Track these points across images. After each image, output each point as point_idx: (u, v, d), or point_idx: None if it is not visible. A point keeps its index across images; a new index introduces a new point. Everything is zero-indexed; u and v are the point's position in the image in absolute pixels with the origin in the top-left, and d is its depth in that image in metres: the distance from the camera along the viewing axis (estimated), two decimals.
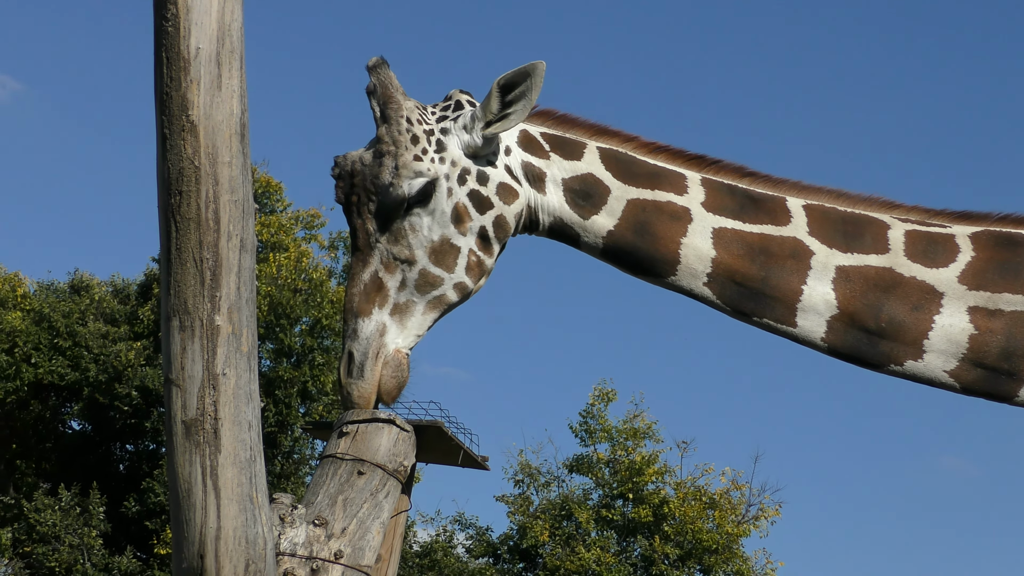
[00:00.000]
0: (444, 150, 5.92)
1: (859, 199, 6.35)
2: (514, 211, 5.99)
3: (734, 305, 6.18)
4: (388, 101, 5.97)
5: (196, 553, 3.96)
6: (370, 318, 5.81)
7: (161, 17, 3.83)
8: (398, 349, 5.81)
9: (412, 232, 5.88)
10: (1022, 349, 6.26)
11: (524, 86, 5.87)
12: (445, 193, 5.88)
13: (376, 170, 5.87)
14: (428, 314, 5.93)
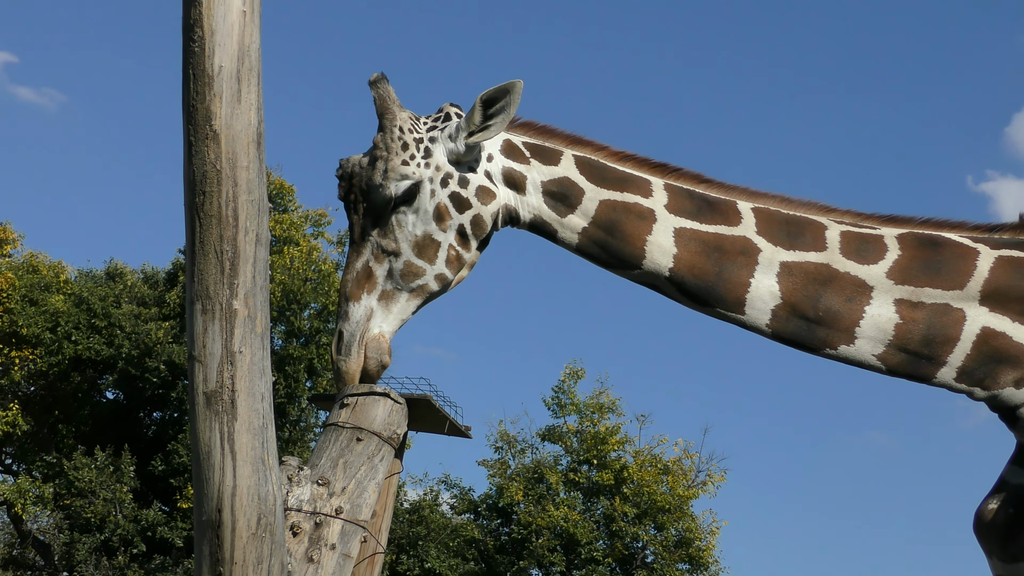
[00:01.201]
0: (430, 156, 5.97)
1: (800, 203, 6.41)
2: (490, 211, 6.02)
3: (691, 296, 6.21)
4: (384, 112, 6.04)
5: (215, 508, 3.96)
6: (360, 303, 5.87)
7: (189, 39, 3.83)
8: (381, 334, 5.85)
9: (399, 227, 5.94)
10: (940, 337, 6.32)
11: (504, 101, 5.93)
12: (429, 194, 5.93)
13: (370, 172, 5.95)
14: (411, 301, 5.96)
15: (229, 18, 3.83)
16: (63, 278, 30.79)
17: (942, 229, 6.54)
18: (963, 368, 6.44)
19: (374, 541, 5.10)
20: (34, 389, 30.60)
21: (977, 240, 6.56)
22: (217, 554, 3.99)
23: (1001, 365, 6.47)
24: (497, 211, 6.05)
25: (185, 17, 3.85)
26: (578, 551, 31.74)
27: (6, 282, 29.47)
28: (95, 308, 29.91)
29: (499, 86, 5.91)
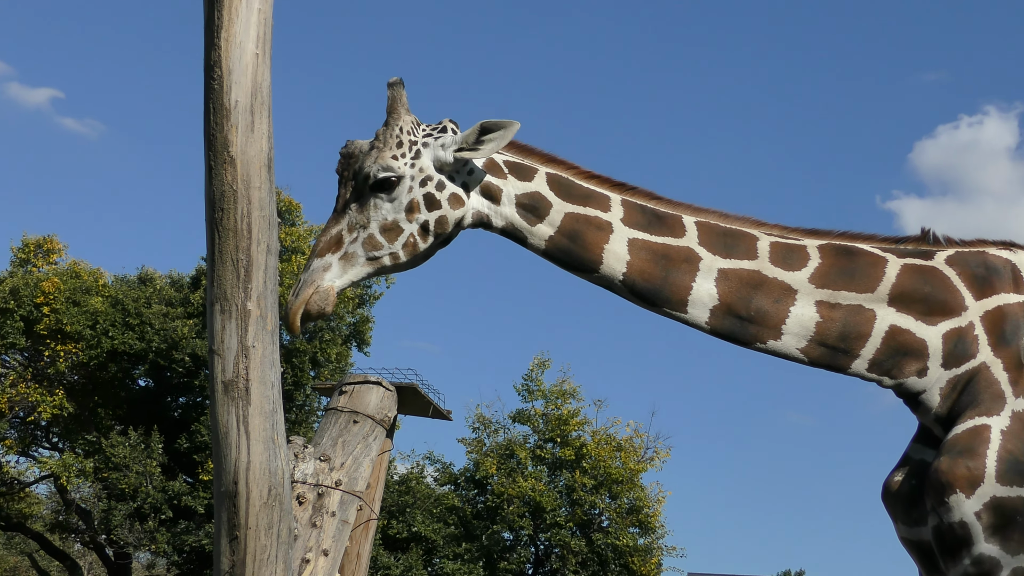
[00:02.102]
0: (418, 158, 6.02)
1: (736, 218, 6.45)
2: (456, 215, 6.07)
3: (641, 297, 6.26)
4: (392, 111, 6.10)
5: (232, 480, 3.96)
6: (323, 259, 5.86)
7: (209, 77, 3.83)
8: (331, 286, 5.79)
9: (374, 209, 5.97)
10: (854, 333, 6.38)
11: (499, 134, 6.03)
12: (407, 189, 5.98)
13: (364, 158, 6.00)
14: (364, 268, 5.94)
15: (244, 59, 3.83)
16: (101, 282, 30.70)
17: (856, 240, 6.61)
18: (874, 360, 6.49)
19: (368, 509, 5.10)
20: (77, 378, 30.49)
21: (885, 250, 6.62)
22: (234, 520, 3.99)
23: (906, 357, 6.52)
24: (462, 216, 6.08)
25: (207, 58, 3.85)
26: (544, 517, 31.72)
27: (52, 286, 29.42)
28: (129, 308, 29.86)
29: (500, 120, 6.04)
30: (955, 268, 6.67)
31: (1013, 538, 6.27)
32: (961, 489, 6.27)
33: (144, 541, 30.50)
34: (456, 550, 31.64)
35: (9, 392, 29.33)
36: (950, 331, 6.53)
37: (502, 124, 6.05)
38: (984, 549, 6.27)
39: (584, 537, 32.10)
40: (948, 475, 6.29)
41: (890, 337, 6.47)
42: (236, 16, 3.83)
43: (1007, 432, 6.36)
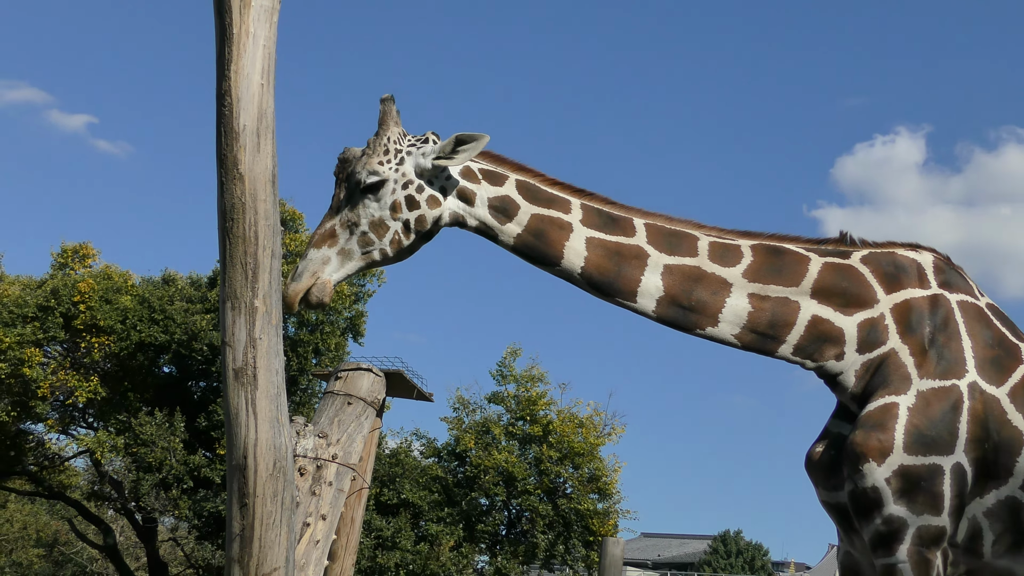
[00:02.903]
0: (402, 165, 6.10)
1: (680, 221, 6.52)
2: (433, 215, 6.14)
3: (597, 288, 6.34)
4: (382, 123, 6.17)
5: (242, 455, 3.96)
6: (320, 250, 5.93)
7: (221, 104, 3.84)
8: (329, 279, 5.88)
9: (363, 208, 6.05)
10: (781, 321, 6.43)
11: (471, 145, 6.08)
12: (391, 191, 6.07)
13: (356, 163, 6.07)
14: (358, 262, 6.02)
15: (251, 89, 3.84)
16: (130, 283, 30.64)
17: (783, 241, 6.66)
18: (798, 345, 6.53)
19: (361, 479, 5.09)
20: (109, 366, 30.41)
21: (809, 250, 6.67)
22: (244, 489, 3.98)
23: (826, 343, 6.55)
24: (439, 215, 6.15)
25: (218, 88, 3.86)
26: (515, 485, 31.74)
27: (88, 286, 29.39)
28: (154, 305, 29.82)
29: (473, 134, 6.06)
30: (868, 266, 6.71)
31: (918, 500, 6.29)
32: (873, 458, 6.29)
33: (168, 507, 30.46)
34: (439, 514, 31.64)
35: (51, 379, 29.29)
36: (864, 321, 6.57)
37: (474, 137, 6.06)
38: (893, 510, 6.29)
39: (550, 502, 32.12)
40: (862, 446, 6.31)
41: (812, 326, 6.51)
42: (243, 51, 3.84)
43: (913, 409, 6.38)
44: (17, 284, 30.90)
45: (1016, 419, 6.58)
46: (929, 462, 6.29)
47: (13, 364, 28.64)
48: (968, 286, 6.89)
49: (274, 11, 3.94)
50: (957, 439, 6.36)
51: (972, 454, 6.42)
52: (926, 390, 6.40)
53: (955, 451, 6.35)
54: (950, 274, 6.83)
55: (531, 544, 32.39)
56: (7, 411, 29.84)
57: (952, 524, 6.35)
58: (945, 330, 6.60)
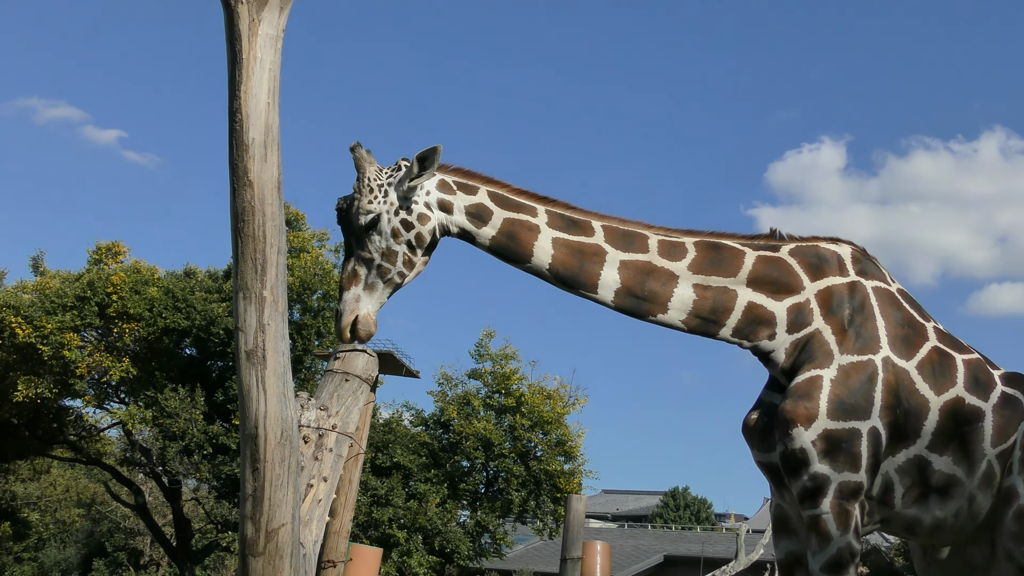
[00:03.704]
0: (387, 196, 6.10)
1: (632, 222, 6.55)
2: (428, 229, 6.14)
3: (563, 282, 6.35)
4: (359, 168, 6.17)
5: (253, 426, 3.96)
6: (350, 291, 5.97)
7: (232, 120, 3.82)
8: (368, 313, 5.93)
9: (371, 243, 6.06)
10: (722, 308, 6.46)
11: (431, 159, 6.08)
12: (387, 221, 6.06)
13: (350, 209, 6.09)
14: (385, 290, 6.06)
15: (259, 107, 3.83)
16: (156, 276, 30.55)
17: (722, 238, 6.69)
18: (736, 328, 6.56)
19: (357, 445, 5.08)
20: (138, 349, 30.32)
21: (744, 245, 6.71)
22: (255, 455, 3.97)
23: (760, 326, 6.58)
24: (433, 228, 6.17)
25: (230, 106, 3.84)
26: (492, 449, 31.77)
27: (119, 279, 29.35)
28: (177, 295, 29.77)
29: (428, 149, 6.04)
30: (795, 258, 6.74)
31: (839, 460, 6.33)
32: (801, 424, 6.32)
33: (191, 471, 30.39)
34: (427, 475, 31.63)
35: (88, 360, 29.19)
36: (792, 305, 6.60)
37: (432, 150, 6.05)
38: (818, 468, 6.32)
39: (523, 464, 32.16)
40: (791, 413, 6.34)
41: (748, 311, 6.54)
42: (252, 74, 3.83)
43: (835, 380, 6.43)
44: (58, 278, 30.81)
45: (923, 388, 6.64)
46: (849, 426, 6.32)
47: (55, 347, 28.57)
48: (881, 274, 6.93)
49: (278, 39, 3.93)
50: (873, 406, 6.40)
51: (886, 419, 6.46)
52: (846, 364, 6.44)
53: (871, 417, 6.38)
54: (866, 264, 6.88)
55: (506, 500, 32.44)
56: (50, 388, 29.77)
57: (868, 480, 6.39)
58: (862, 312, 6.64)
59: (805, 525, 6.43)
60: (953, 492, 6.81)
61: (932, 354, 6.76)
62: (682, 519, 62.75)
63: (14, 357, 29.07)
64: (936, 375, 6.71)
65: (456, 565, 31.63)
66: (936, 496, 6.79)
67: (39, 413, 32.20)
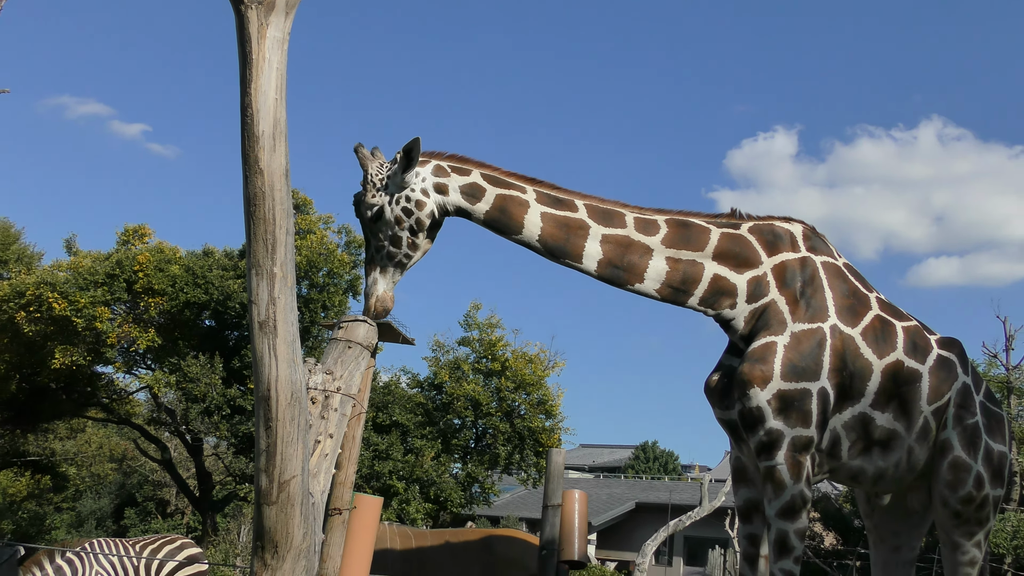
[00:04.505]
0: (387, 189, 6.12)
1: (611, 202, 6.59)
2: (426, 213, 6.13)
3: (551, 252, 6.37)
4: (363, 167, 6.21)
5: (266, 388, 3.94)
6: (369, 275, 6.09)
7: (244, 114, 3.80)
8: (385, 292, 6.01)
9: (380, 233, 6.16)
10: (691, 279, 6.50)
11: (415, 150, 6.08)
12: (390, 211, 6.08)
13: (360, 204, 6.16)
14: (396, 273, 6.12)
15: (267, 103, 3.80)
16: (178, 255, 30.44)
17: (689, 216, 6.72)
18: (702, 298, 6.57)
19: (360, 405, 5.05)
20: (163, 321, 30.23)
21: (709, 223, 6.73)
22: (268, 415, 3.95)
23: (723, 296, 6.59)
24: (431, 211, 6.20)
25: (242, 102, 3.82)
26: (481, 409, 31.80)
27: (145, 258, 29.27)
28: (197, 272, 29.67)
29: (410, 141, 6.04)
30: (754, 235, 6.74)
31: (792, 416, 6.34)
32: (758, 385, 6.32)
33: (211, 430, 30.37)
34: (422, 432, 31.66)
35: (117, 331, 29.15)
36: (752, 278, 6.60)
37: (413, 142, 6.05)
38: (773, 424, 6.32)
39: (508, 422, 32.20)
40: (749, 375, 6.35)
41: (714, 282, 6.54)
42: (260, 73, 3.81)
43: (787, 346, 6.44)
44: (89, 257, 30.71)
45: (867, 353, 6.66)
46: (800, 387, 6.33)
47: (87, 320, 28.51)
48: (829, 250, 6.94)
49: (284, 41, 3.91)
50: (822, 369, 6.41)
51: (833, 380, 6.47)
52: (798, 331, 6.45)
53: (820, 378, 6.39)
54: (815, 241, 6.88)
55: (494, 454, 32.51)
56: (84, 356, 29.72)
57: (818, 434, 6.40)
58: (812, 285, 6.65)
59: (762, 475, 6.44)
60: (894, 445, 6.84)
61: (875, 322, 6.77)
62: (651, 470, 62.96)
63: (51, 328, 29.01)
64: (879, 341, 6.73)
65: (449, 512, 31.71)
66: (878, 449, 6.81)
67: (74, 378, 32.17)
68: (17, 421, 33.52)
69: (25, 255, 33.78)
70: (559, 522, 6.63)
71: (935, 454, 7.06)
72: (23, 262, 33.09)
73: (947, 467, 7.02)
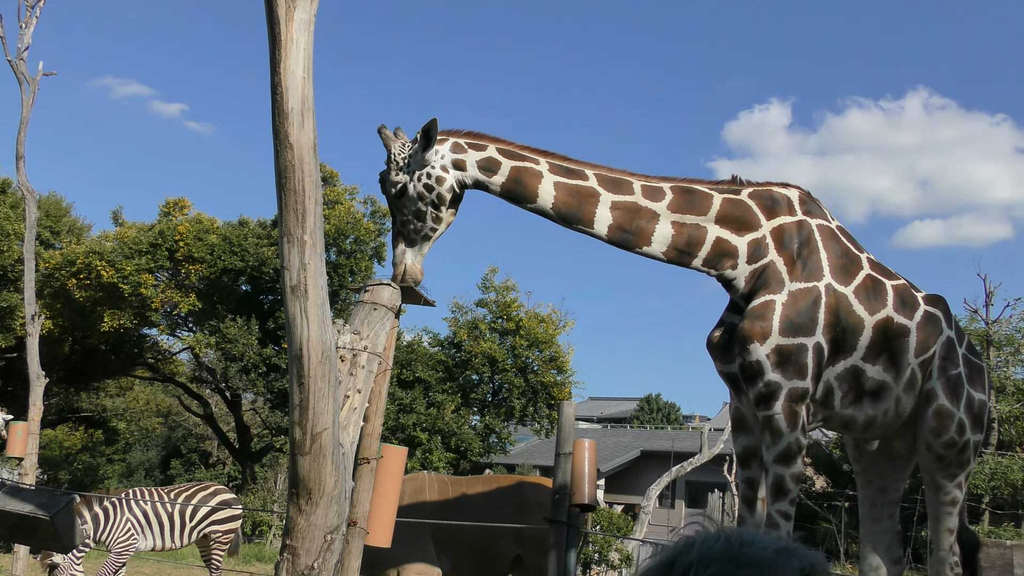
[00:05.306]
0: (409, 167, 6.04)
1: (618, 171, 6.53)
2: (446, 188, 6.07)
3: (564, 219, 6.29)
4: (387, 146, 6.15)
5: (298, 348, 3.92)
6: (397, 248, 6.04)
7: (274, 92, 3.78)
8: (414, 264, 5.97)
9: (405, 208, 6.10)
10: (695, 242, 6.41)
11: (433, 129, 6.00)
12: (412, 188, 6.03)
13: (385, 182, 6.11)
14: (423, 245, 6.07)
15: (296, 81, 3.77)
16: (215, 226, 30.50)
17: (693, 183, 6.63)
18: (706, 259, 6.50)
19: (385, 363, 5.02)
20: (202, 286, 30.35)
21: (711, 189, 6.66)
22: (301, 372, 3.95)
23: (725, 257, 6.53)
24: (451, 186, 6.12)
25: (272, 80, 3.80)
26: (497, 365, 31.84)
27: (185, 229, 29.39)
28: (234, 241, 29.72)
29: (428, 122, 5.96)
30: (754, 200, 6.67)
31: (789, 369, 6.30)
32: (757, 340, 6.28)
33: (249, 386, 30.54)
34: (443, 387, 31.76)
35: (161, 296, 29.32)
36: (752, 240, 6.54)
37: (431, 122, 5.96)
38: (771, 376, 6.29)
39: (522, 377, 32.25)
40: (749, 331, 6.30)
41: (716, 244, 6.48)
42: (289, 53, 3.78)
43: (785, 304, 6.39)
44: (134, 228, 30.80)
45: (859, 310, 6.61)
46: (797, 342, 6.29)
47: (133, 286, 28.63)
48: (823, 213, 6.87)
49: (311, 23, 3.87)
50: (817, 325, 6.37)
51: (827, 336, 6.43)
52: (795, 290, 6.40)
53: (815, 334, 6.35)
54: (811, 205, 6.82)
55: (509, 407, 32.60)
56: (130, 320, 29.89)
57: (813, 386, 6.37)
58: (808, 246, 6.59)
59: (760, 424, 6.41)
60: (883, 395, 6.82)
61: (866, 280, 6.72)
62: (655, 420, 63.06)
63: (100, 295, 29.14)
64: (870, 298, 6.68)
65: (469, 460, 31.86)
66: (869, 398, 6.79)
67: (122, 340, 32.36)
68: (71, 380, 33.75)
69: (75, 227, 33.88)
70: (570, 469, 6.62)
71: (921, 403, 7.04)
72: (73, 233, 33.19)
73: (932, 414, 7.00)
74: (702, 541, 1.41)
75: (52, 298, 29.07)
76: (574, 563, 6.58)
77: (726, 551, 1.37)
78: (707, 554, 1.38)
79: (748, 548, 1.38)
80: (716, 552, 1.38)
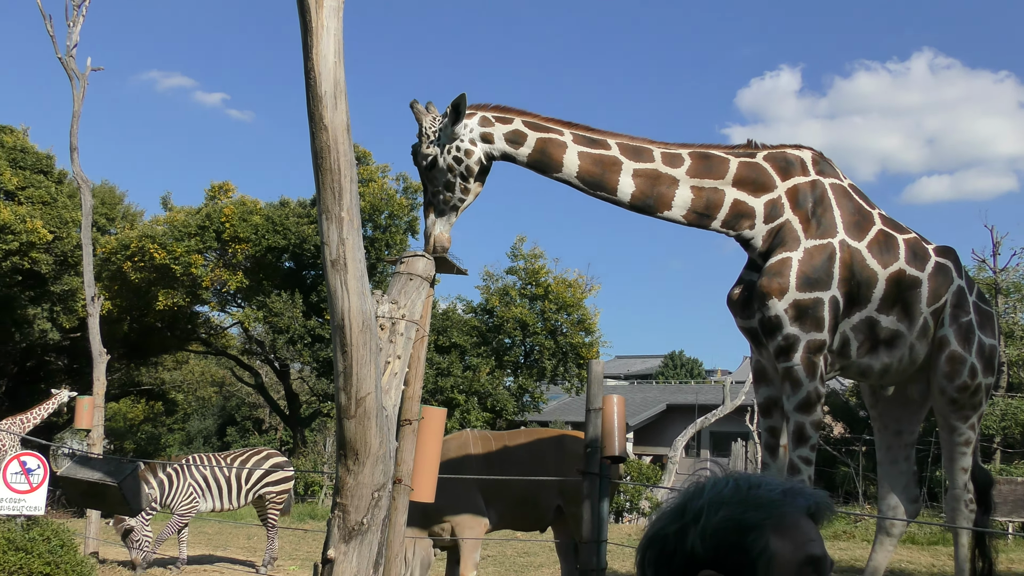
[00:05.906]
0: (439, 140, 5.96)
1: (639, 139, 6.51)
2: (475, 160, 6.02)
3: (589, 186, 6.28)
4: (418, 121, 6.09)
5: (341, 318, 3.92)
6: (428, 218, 6.02)
7: (308, 77, 3.76)
8: (442, 233, 5.94)
9: (435, 179, 6.03)
10: (714, 204, 6.44)
11: (462, 104, 5.95)
12: (443, 161, 5.99)
13: (417, 155, 6.04)
14: (452, 215, 6.04)
15: (327, 66, 3.74)
16: (258, 207, 30.58)
17: (710, 149, 6.59)
18: (724, 221, 6.46)
19: (422, 330, 5.02)
20: (249, 264, 30.49)
21: (728, 153, 6.62)
22: (344, 341, 3.95)
23: (743, 218, 6.48)
24: (479, 158, 6.10)
25: (305, 66, 3.78)
26: (528, 329, 31.86)
27: (230, 211, 29.51)
28: (276, 221, 29.82)
29: (457, 97, 5.90)
30: (769, 162, 6.61)
31: (806, 322, 6.26)
32: (775, 296, 6.23)
33: (296, 357, 30.75)
34: (478, 351, 31.83)
35: (210, 275, 29.48)
36: (768, 201, 6.48)
37: (460, 97, 5.91)
38: (790, 330, 6.25)
39: (552, 339, 32.26)
40: (767, 288, 6.26)
41: (734, 206, 6.43)
42: (320, 39, 3.75)
43: (801, 260, 6.35)
44: (182, 212, 30.99)
45: (872, 263, 6.55)
46: (814, 296, 6.25)
47: (184, 266, 28.83)
48: (836, 172, 6.80)
49: (340, 9, 3.84)
50: (832, 279, 6.32)
51: (842, 289, 6.38)
52: (810, 247, 6.35)
53: (831, 288, 6.31)
54: (823, 165, 6.75)
55: (541, 368, 32.64)
56: (183, 298, 30.13)
57: (830, 337, 6.33)
58: (822, 204, 6.53)
59: (780, 375, 6.39)
60: (897, 343, 6.77)
61: (879, 235, 6.66)
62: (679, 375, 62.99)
63: (154, 275, 29.35)
64: (883, 252, 6.62)
65: (504, 419, 31.96)
66: (884, 347, 6.74)
67: (176, 318, 32.59)
68: (130, 356, 34.08)
69: (129, 213, 34.06)
70: (600, 423, 6.61)
71: (934, 349, 7.00)
72: (127, 219, 33.38)
73: (945, 360, 6.96)
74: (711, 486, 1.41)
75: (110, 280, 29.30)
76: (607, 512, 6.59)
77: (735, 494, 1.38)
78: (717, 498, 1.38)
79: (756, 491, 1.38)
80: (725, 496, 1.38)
